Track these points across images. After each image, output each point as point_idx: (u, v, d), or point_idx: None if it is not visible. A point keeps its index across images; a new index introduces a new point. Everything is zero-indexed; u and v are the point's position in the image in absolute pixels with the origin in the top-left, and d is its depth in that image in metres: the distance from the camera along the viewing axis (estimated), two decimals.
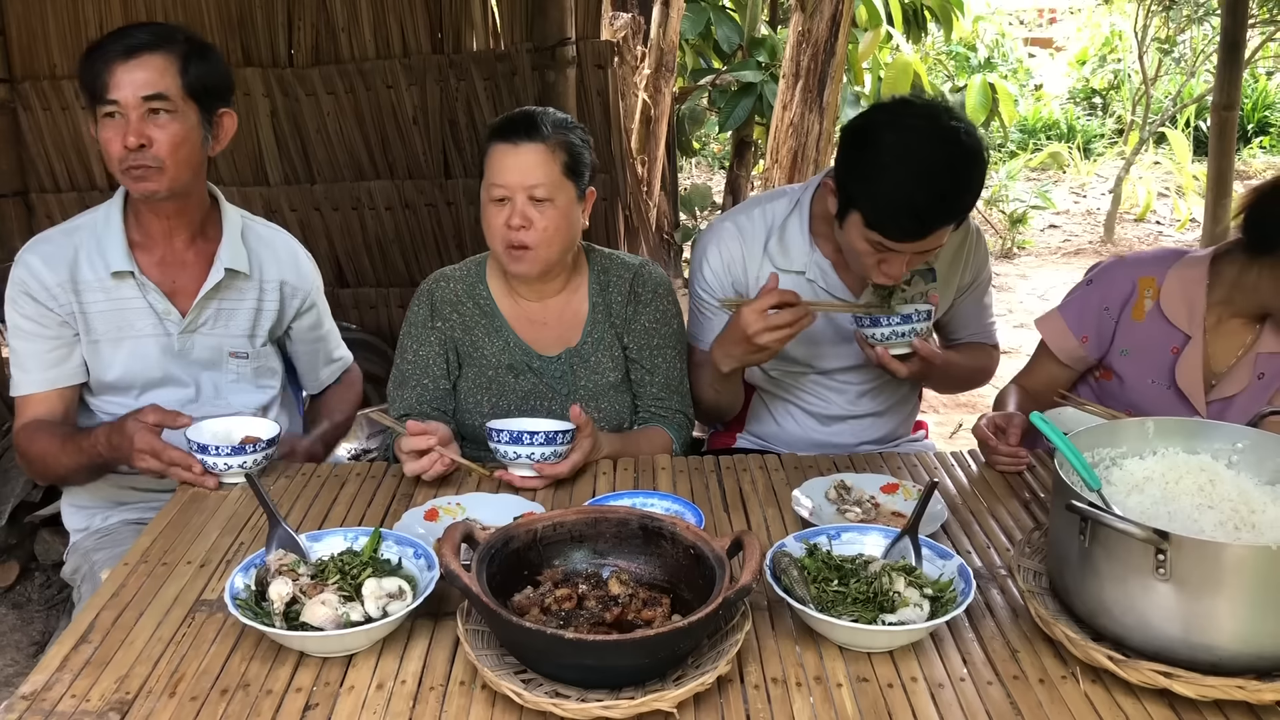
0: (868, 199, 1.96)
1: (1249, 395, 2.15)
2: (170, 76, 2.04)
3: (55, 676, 1.43)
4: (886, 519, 1.83)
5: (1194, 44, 10.38)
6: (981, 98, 6.78)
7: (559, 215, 2.09)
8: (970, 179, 1.97)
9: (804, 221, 2.29)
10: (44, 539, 3.59)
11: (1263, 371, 2.14)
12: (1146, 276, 2.18)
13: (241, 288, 2.25)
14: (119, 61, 2.01)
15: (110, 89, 2.01)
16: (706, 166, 10.19)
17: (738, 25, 5.78)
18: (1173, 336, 2.15)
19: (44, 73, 3.82)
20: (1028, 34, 13.26)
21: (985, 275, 2.43)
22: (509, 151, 2.07)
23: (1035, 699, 1.37)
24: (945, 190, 1.94)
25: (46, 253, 2.14)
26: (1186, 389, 2.15)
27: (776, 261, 2.29)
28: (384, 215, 4.01)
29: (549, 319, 2.25)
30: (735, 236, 2.32)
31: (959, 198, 1.97)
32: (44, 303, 2.12)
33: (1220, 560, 1.31)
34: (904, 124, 1.97)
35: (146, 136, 2.03)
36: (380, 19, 3.78)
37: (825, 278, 2.28)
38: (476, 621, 1.45)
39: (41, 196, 3.98)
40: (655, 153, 5.11)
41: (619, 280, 2.27)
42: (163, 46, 2.05)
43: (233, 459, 1.96)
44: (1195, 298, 2.13)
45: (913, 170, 1.91)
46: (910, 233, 1.96)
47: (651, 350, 2.27)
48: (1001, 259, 8.24)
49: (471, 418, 2.23)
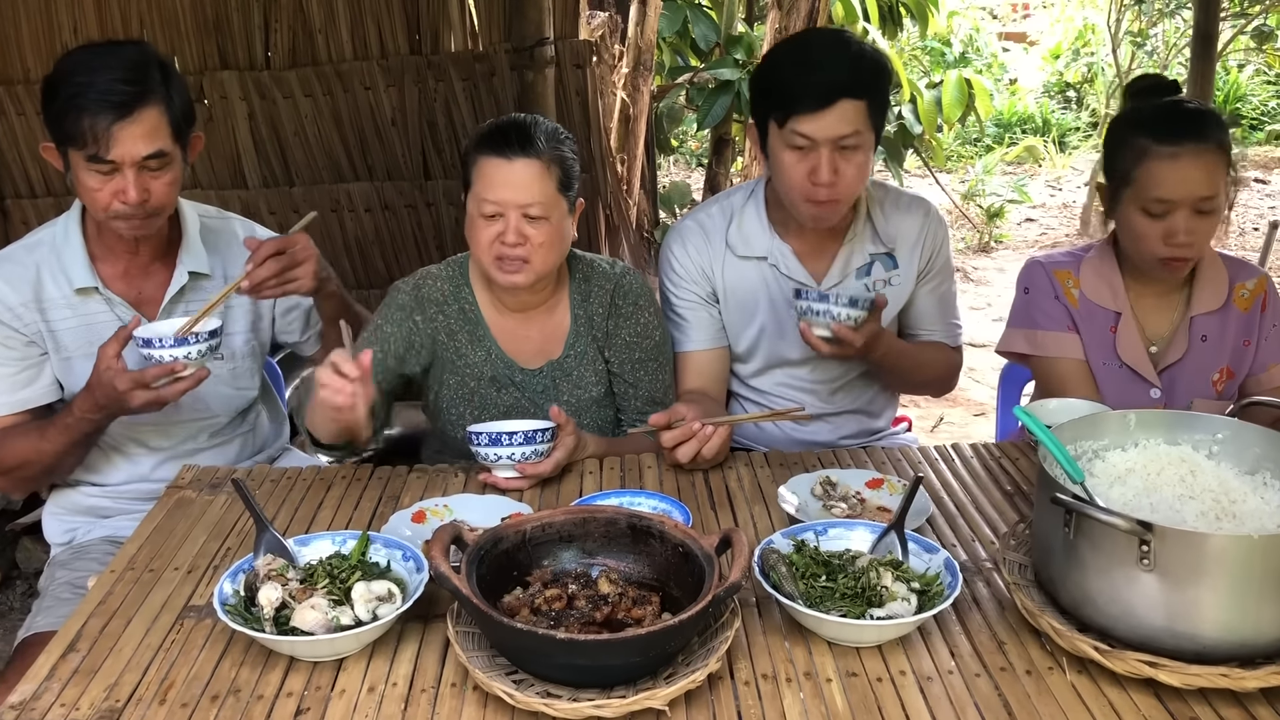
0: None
1: (1196, 358, 2.20)
2: (164, 129, 1.98)
3: (44, 685, 1.43)
4: (872, 514, 1.84)
5: (1166, 37, 10.46)
6: (957, 93, 6.79)
7: (553, 231, 2.04)
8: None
9: (761, 209, 2.33)
10: (25, 547, 3.57)
11: (1204, 334, 2.19)
12: (1061, 271, 2.26)
13: (205, 287, 2.22)
14: (115, 121, 1.92)
15: (106, 149, 1.93)
16: (685, 164, 10.19)
17: (715, 23, 5.79)
18: (1106, 317, 2.22)
19: (18, 77, 3.79)
20: (1002, 29, 13.30)
21: (945, 258, 2.40)
22: (502, 166, 2.01)
23: (1022, 690, 1.39)
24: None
25: (9, 272, 2.10)
26: (1132, 362, 2.20)
27: (738, 250, 2.32)
28: (363, 217, 4.00)
29: (531, 331, 2.21)
30: (698, 232, 2.35)
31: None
32: (9, 323, 2.08)
33: (1203, 550, 1.32)
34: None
35: (146, 191, 1.99)
36: (357, 20, 3.76)
37: (785, 262, 2.31)
38: (467, 623, 1.46)
39: (17, 202, 3.95)
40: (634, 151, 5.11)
41: (600, 291, 2.22)
42: (149, 94, 1.96)
43: (177, 350, 1.92)
44: (1112, 278, 2.22)
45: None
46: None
47: (634, 364, 2.24)
48: (979, 253, 8.28)
49: (454, 429, 2.20)
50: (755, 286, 2.33)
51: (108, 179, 1.97)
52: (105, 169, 1.96)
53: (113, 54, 1.99)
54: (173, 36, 3.77)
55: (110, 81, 1.93)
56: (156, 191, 2.01)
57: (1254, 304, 2.19)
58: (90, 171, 1.97)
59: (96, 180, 1.98)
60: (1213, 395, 2.19)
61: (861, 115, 2.08)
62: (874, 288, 2.33)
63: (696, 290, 2.34)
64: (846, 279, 2.32)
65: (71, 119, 1.93)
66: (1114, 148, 2.13)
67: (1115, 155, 2.11)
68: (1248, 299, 2.19)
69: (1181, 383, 2.20)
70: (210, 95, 3.82)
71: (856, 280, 2.33)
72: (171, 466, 2.18)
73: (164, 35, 3.76)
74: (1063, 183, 10.38)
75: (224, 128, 3.86)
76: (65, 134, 1.96)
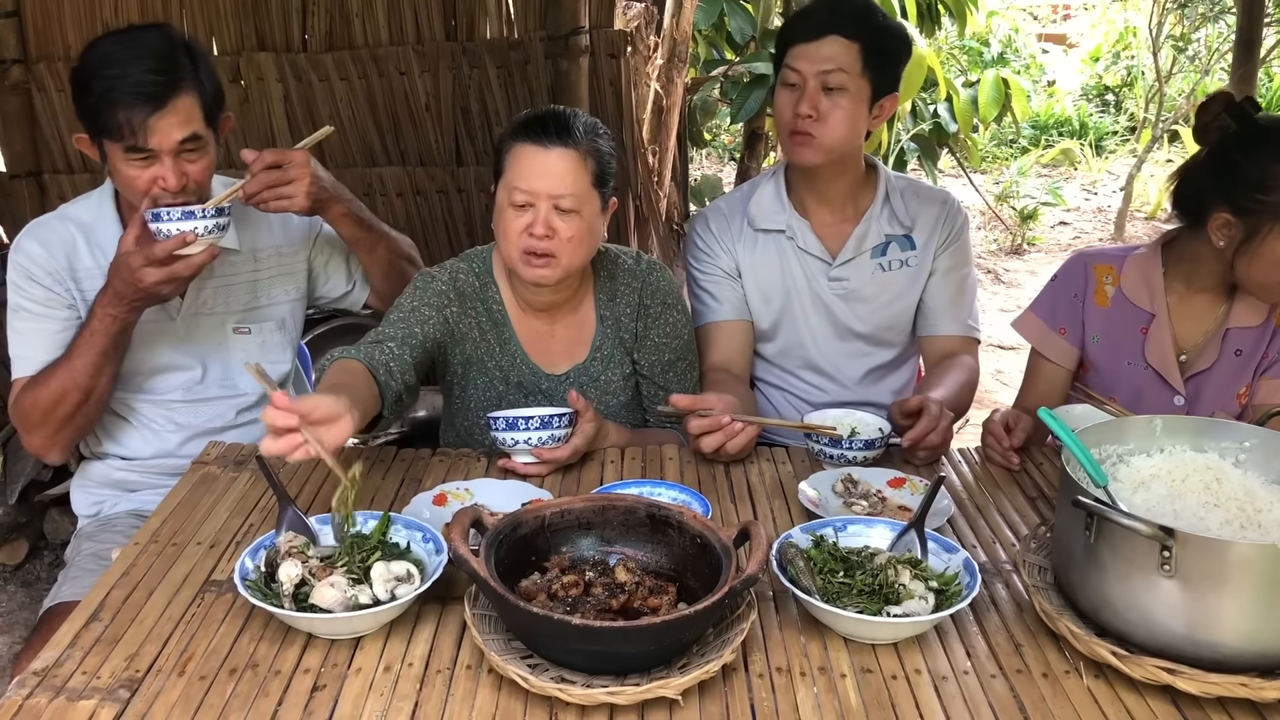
0: None
1: (1225, 370, 2.17)
2: (197, 113, 2.01)
3: (66, 653, 1.45)
4: (893, 513, 1.84)
5: (1209, 41, 10.32)
6: (994, 93, 6.73)
7: (583, 226, 2.00)
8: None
9: (780, 187, 2.42)
10: (53, 518, 3.62)
11: (1239, 348, 2.17)
12: (1102, 265, 2.26)
13: (234, 262, 2.24)
14: (152, 114, 1.94)
15: (144, 139, 1.95)
16: (717, 158, 10.16)
17: (751, 17, 5.75)
18: (1139, 317, 2.21)
19: (59, 54, 3.82)
20: (1041, 30, 13.17)
21: (963, 246, 2.43)
22: (538, 154, 1.97)
23: (1038, 693, 1.38)
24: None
25: (45, 238, 2.13)
26: (1159, 366, 2.19)
27: (756, 223, 2.41)
28: (395, 202, 4.01)
29: (556, 332, 2.19)
30: (720, 211, 2.46)
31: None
32: (49, 286, 2.11)
33: (1225, 558, 1.31)
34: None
35: (184, 176, 2.01)
36: (394, 5, 3.77)
37: (803, 237, 2.39)
38: (484, 606, 1.46)
39: (55, 177, 3.98)
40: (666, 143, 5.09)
41: (627, 290, 2.20)
42: (181, 82, 1.97)
43: (184, 223, 1.94)
44: (1153, 279, 2.20)
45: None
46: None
47: (663, 366, 2.23)
48: (1011, 255, 8.22)
49: (480, 432, 2.19)
50: (775, 262, 2.40)
51: (145, 167, 2.00)
52: (143, 157, 1.99)
53: (139, 42, 1.99)
54: (211, 17, 3.79)
55: (142, 73, 1.95)
56: (194, 175, 2.04)
57: None
58: (128, 161, 1.99)
59: (135, 169, 2.00)
60: (1236, 410, 2.17)
61: (852, 57, 2.21)
62: (889, 267, 2.40)
63: (719, 264, 2.41)
64: (860, 255, 2.39)
65: (107, 114, 1.95)
66: (1253, 179, 1.98)
67: (1257, 187, 1.97)
68: None
69: (1207, 393, 2.18)
70: (247, 76, 3.84)
71: (871, 259, 2.39)
72: (198, 443, 2.21)
73: (202, 16, 3.78)
74: (1098, 187, 10.28)
75: (260, 109, 3.88)
76: (101, 127, 1.98)
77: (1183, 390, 2.18)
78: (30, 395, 2.09)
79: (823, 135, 2.24)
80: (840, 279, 2.39)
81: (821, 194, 2.39)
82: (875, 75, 2.24)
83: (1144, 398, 2.18)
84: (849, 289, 2.40)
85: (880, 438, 2.04)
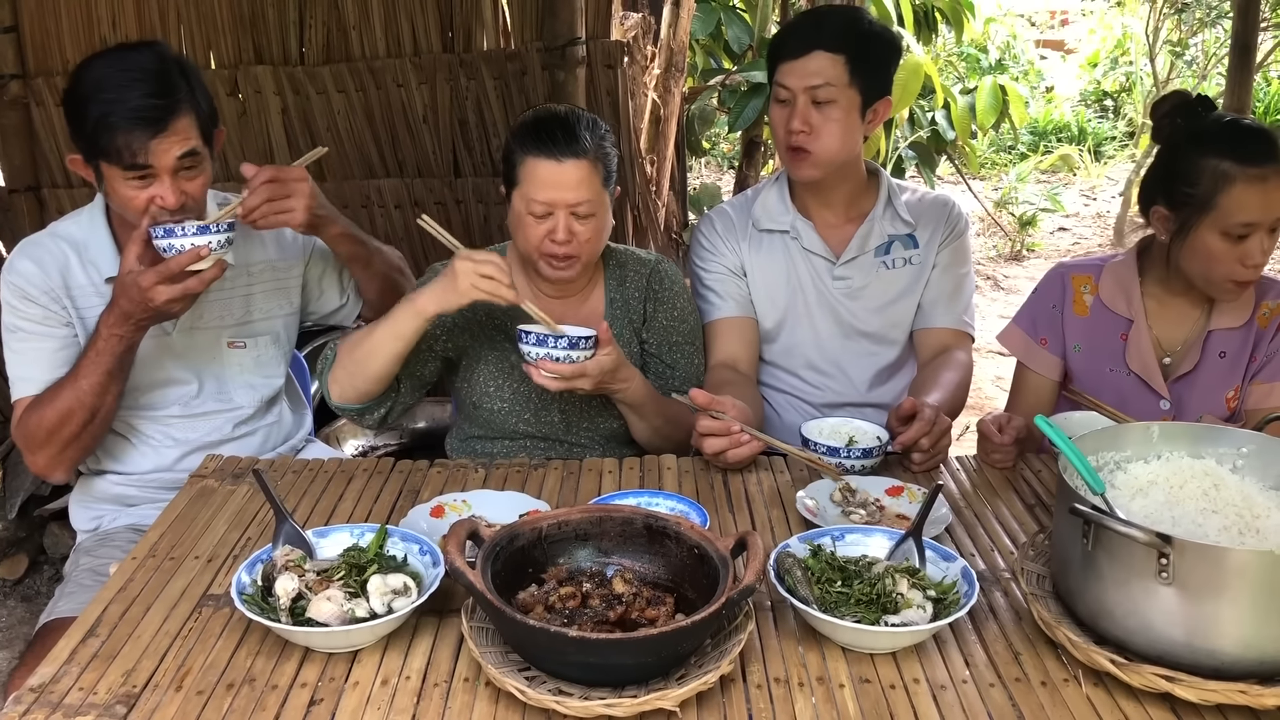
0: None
1: (1211, 373, 2.18)
2: (194, 131, 2.01)
3: (63, 669, 1.44)
4: (891, 521, 1.84)
5: (1206, 47, 10.33)
6: (992, 99, 6.73)
7: (599, 224, 2.13)
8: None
9: (784, 189, 2.46)
10: (53, 532, 3.62)
11: (1223, 350, 2.17)
12: (1080, 275, 2.28)
13: (228, 276, 2.23)
14: (151, 137, 1.94)
15: (143, 157, 1.95)
16: (716, 166, 10.17)
17: (748, 25, 5.76)
18: (1118, 323, 2.23)
19: (57, 68, 3.82)
20: (1039, 36, 13.18)
21: (964, 245, 2.47)
22: (552, 168, 2.05)
23: (1037, 701, 1.38)
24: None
25: (38, 256, 2.13)
26: (1141, 371, 2.20)
27: (761, 223, 2.45)
28: (393, 213, 4.01)
29: (567, 315, 2.23)
30: (724, 213, 2.50)
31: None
32: (46, 305, 2.10)
33: (1223, 565, 1.31)
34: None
35: (183, 194, 2.01)
36: (391, 17, 3.78)
37: (807, 236, 2.43)
38: (481, 619, 1.46)
39: (54, 191, 3.98)
40: (664, 152, 5.10)
41: (636, 276, 2.30)
42: (179, 103, 1.98)
43: (199, 238, 1.94)
44: (1130, 284, 2.22)
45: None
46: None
47: (671, 346, 2.31)
48: (1011, 261, 8.22)
49: (491, 401, 2.24)
50: (779, 262, 2.43)
51: (144, 186, 2.00)
52: (141, 176, 1.98)
53: (134, 64, 1.98)
54: (208, 31, 3.79)
55: (140, 97, 1.94)
56: (192, 193, 2.04)
57: (1272, 322, 2.16)
58: (127, 182, 1.99)
59: (133, 189, 2.00)
60: (1224, 413, 2.17)
61: (839, 70, 2.23)
62: (893, 265, 2.42)
63: (724, 263, 2.44)
64: (864, 254, 2.42)
65: (105, 138, 1.95)
66: (1183, 173, 2.04)
67: (1185, 180, 2.02)
68: (1268, 316, 2.16)
69: (1193, 397, 2.18)
70: (244, 89, 3.84)
71: (875, 258, 2.42)
72: (196, 457, 2.21)
73: (200, 29, 3.79)
74: (1097, 192, 10.29)
75: (258, 122, 3.88)
76: (99, 151, 1.98)
77: (1167, 395, 2.19)
78: (35, 415, 2.08)
79: (818, 149, 2.28)
80: (844, 278, 2.42)
81: (824, 199, 2.43)
82: (864, 83, 2.26)
83: (1129, 404, 2.18)
84: (853, 287, 2.43)
85: (878, 446, 2.04)
